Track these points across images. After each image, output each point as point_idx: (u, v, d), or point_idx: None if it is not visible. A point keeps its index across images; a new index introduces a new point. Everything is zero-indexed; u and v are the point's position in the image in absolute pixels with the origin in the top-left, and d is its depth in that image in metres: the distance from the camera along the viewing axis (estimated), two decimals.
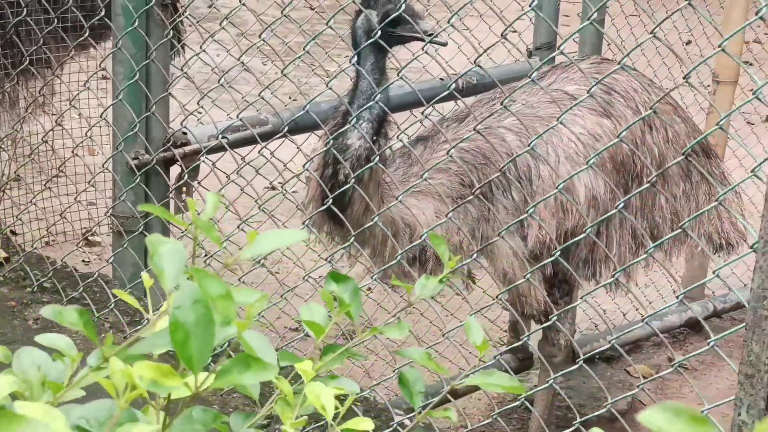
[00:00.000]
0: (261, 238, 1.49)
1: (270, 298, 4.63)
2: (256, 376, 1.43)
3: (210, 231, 1.47)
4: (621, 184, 4.31)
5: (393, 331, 2.03)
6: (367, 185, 4.09)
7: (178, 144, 4.57)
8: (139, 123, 4.53)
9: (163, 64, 4.53)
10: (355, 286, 2.05)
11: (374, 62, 4.11)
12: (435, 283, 2.12)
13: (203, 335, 1.39)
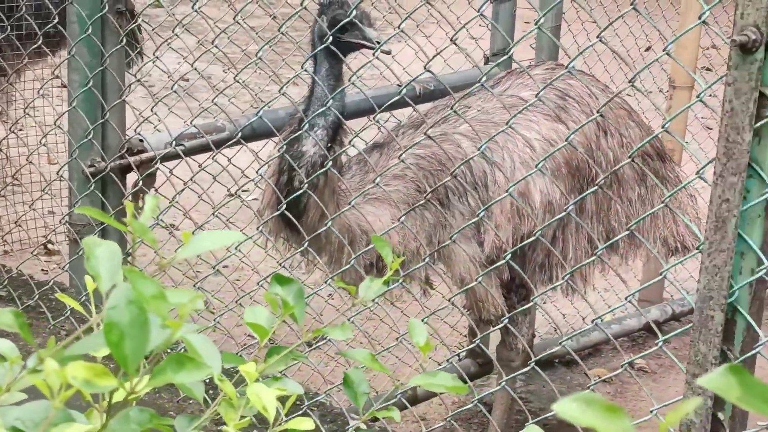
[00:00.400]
0: (196, 239, 1.51)
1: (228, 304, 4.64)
2: (189, 376, 1.45)
3: (145, 233, 1.49)
4: (576, 189, 4.35)
5: (336, 332, 2.06)
6: (323, 192, 4.11)
7: (135, 151, 4.58)
8: (93, 130, 4.53)
9: (118, 72, 4.53)
10: (300, 289, 2.07)
11: (329, 69, 4.13)
12: (379, 285, 2.15)
13: (138, 335, 1.41)
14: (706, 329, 2.87)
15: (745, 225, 2.81)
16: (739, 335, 2.88)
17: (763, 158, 2.76)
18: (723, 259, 2.82)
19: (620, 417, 1.04)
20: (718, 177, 2.78)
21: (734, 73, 2.71)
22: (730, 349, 2.89)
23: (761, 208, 2.79)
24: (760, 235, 2.82)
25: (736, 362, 2.87)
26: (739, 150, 2.74)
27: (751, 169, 2.76)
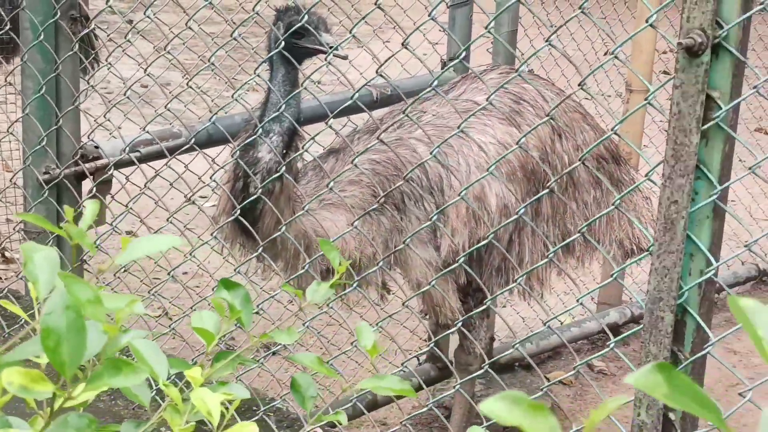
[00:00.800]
0: (134, 244, 1.51)
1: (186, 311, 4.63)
2: (126, 380, 1.45)
3: (82, 238, 1.49)
4: (532, 193, 4.36)
5: (283, 336, 2.06)
6: (278, 198, 4.11)
7: (90, 158, 4.56)
8: (47, 137, 4.51)
9: (72, 78, 4.52)
10: (246, 293, 2.08)
11: (285, 74, 4.13)
12: (326, 289, 2.16)
13: (75, 341, 1.41)
14: (657, 330, 2.90)
15: (693, 226, 2.83)
16: (689, 336, 2.91)
17: (710, 160, 2.79)
18: (672, 261, 2.84)
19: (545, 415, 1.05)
20: (666, 179, 2.81)
21: (681, 76, 2.74)
22: (680, 350, 2.92)
23: (709, 210, 2.82)
24: (709, 236, 2.85)
25: (687, 363, 2.90)
26: (687, 152, 2.77)
27: (699, 170, 2.79)
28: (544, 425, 1.05)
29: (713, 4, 2.67)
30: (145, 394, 1.90)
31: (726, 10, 2.69)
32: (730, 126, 2.78)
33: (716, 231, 2.86)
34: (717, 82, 2.74)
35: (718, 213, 2.84)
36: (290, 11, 4.10)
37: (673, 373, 1.18)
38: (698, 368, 2.96)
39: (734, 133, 2.78)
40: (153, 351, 1.88)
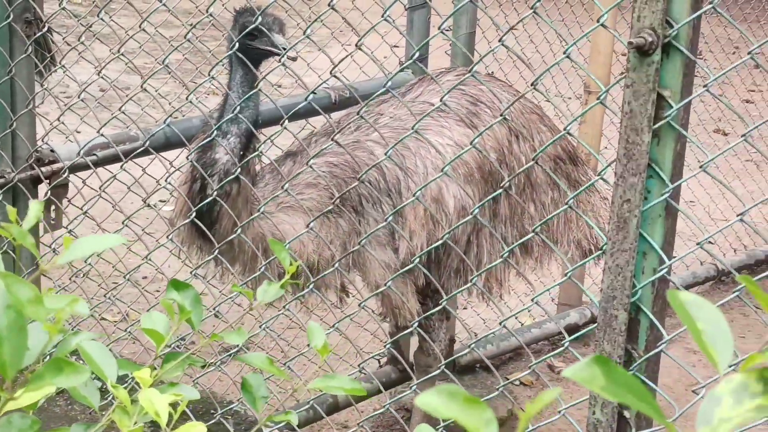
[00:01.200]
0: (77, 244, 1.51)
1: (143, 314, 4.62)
2: (68, 380, 1.44)
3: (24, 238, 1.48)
4: (490, 194, 4.36)
5: (233, 336, 2.06)
6: (236, 200, 4.10)
7: (46, 162, 4.54)
8: (1, 141, 4.48)
9: (27, 81, 4.48)
10: (196, 294, 2.07)
11: (242, 76, 4.12)
12: (276, 289, 2.16)
13: (16, 340, 1.40)
14: (611, 329, 2.91)
15: (646, 225, 2.85)
16: (643, 334, 2.92)
17: (662, 158, 2.81)
18: (625, 259, 2.86)
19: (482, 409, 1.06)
20: (618, 178, 2.83)
21: (632, 75, 2.76)
22: (634, 348, 2.93)
23: (661, 208, 2.83)
24: (661, 234, 2.86)
25: (641, 360, 2.92)
26: (639, 151, 2.78)
27: (651, 169, 2.81)
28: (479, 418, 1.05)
29: (663, 4, 2.69)
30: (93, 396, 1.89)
31: (676, 9, 2.71)
32: (682, 125, 2.80)
33: (669, 229, 2.88)
34: (668, 81, 2.75)
35: (670, 211, 2.85)
36: (246, 13, 4.09)
37: (611, 366, 1.19)
38: (652, 366, 2.98)
39: (685, 132, 2.80)
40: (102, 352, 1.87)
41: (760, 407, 1.20)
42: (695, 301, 1.32)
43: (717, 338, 1.28)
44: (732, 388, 1.22)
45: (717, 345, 1.27)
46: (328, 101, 5.05)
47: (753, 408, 1.20)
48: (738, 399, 1.20)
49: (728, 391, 1.21)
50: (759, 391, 1.21)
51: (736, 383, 1.22)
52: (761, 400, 1.20)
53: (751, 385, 1.21)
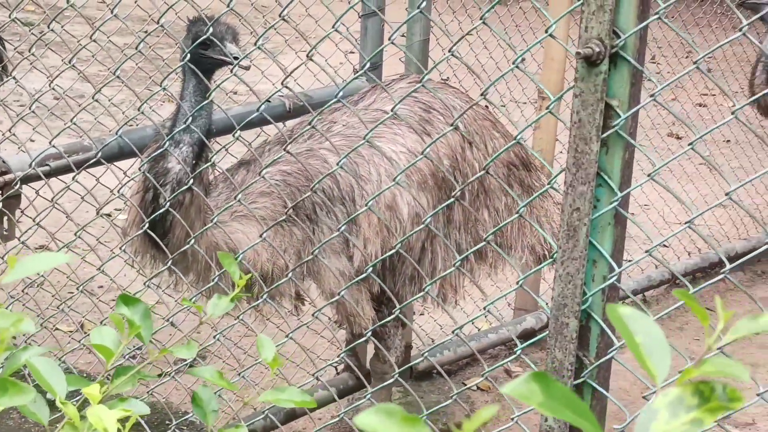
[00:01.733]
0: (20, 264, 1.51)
1: None
2: (12, 400, 1.44)
3: None
4: (444, 201, 4.38)
5: (182, 350, 2.06)
6: (188, 210, 4.09)
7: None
8: None
9: None
10: (146, 308, 2.08)
11: (195, 85, 4.11)
12: (226, 302, 2.16)
13: None
14: (562, 336, 2.93)
15: (596, 233, 2.87)
16: (594, 341, 2.94)
17: (611, 167, 2.83)
18: (575, 267, 2.88)
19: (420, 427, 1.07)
20: (568, 186, 2.85)
21: (581, 85, 2.78)
22: (585, 355, 2.95)
23: (611, 216, 2.86)
24: (611, 242, 2.89)
25: (592, 367, 2.94)
26: (588, 160, 2.81)
27: (600, 178, 2.83)
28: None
29: (610, 15, 2.71)
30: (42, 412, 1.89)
31: (623, 20, 2.73)
32: (630, 133, 2.83)
33: (618, 237, 2.90)
34: (615, 90, 2.78)
35: (619, 219, 2.88)
36: (199, 22, 4.08)
37: (549, 382, 1.20)
38: (603, 372, 3.00)
39: (633, 141, 2.83)
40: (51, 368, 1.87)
41: (695, 420, 1.22)
42: (633, 314, 1.34)
43: (654, 351, 1.30)
44: (668, 402, 1.24)
45: (654, 358, 1.30)
46: (283, 109, 5.06)
47: (688, 421, 1.22)
48: (674, 412, 1.23)
49: (665, 405, 1.23)
50: (694, 405, 1.23)
51: (673, 397, 1.24)
52: (696, 414, 1.23)
53: (687, 398, 1.23)
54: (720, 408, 1.22)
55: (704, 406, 1.23)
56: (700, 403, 1.23)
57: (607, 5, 2.71)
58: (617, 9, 2.72)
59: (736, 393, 1.23)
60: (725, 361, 1.26)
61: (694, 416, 1.22)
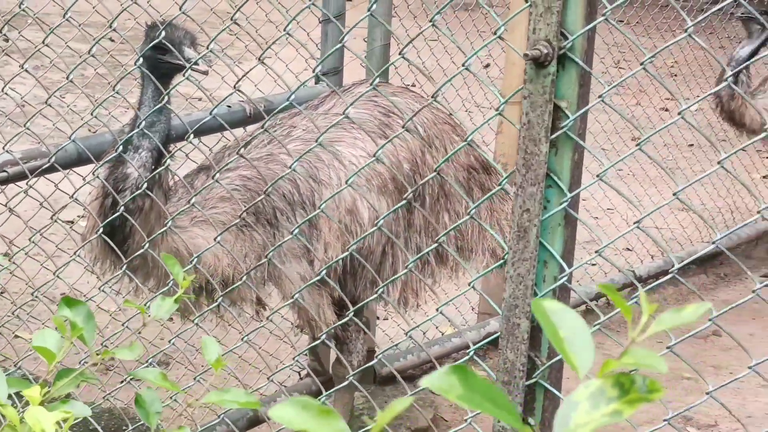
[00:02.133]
0: None
1: None
2: None
3: None
4: (404, 205, 4.38)
5: (125, 352, 2.06)
6: (148, 216, 4.08)
7: None
8: None
9: None
10: (89, 311, 2.07)
11: (154, 90, 4.10)
12: (170, 304, 2.16)
13: None
14: (513, 337, 2.94)
15: (546, 234, 2.88)
16: (545, 341, 2.95)
17: (560, 168, 2.84)
18: (526, 268, 2.89)
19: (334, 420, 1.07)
20: (518, 188, 2.86)
21: (529, 87, 2.79)
22: (537, 356, 2.96)
23: (561, 217, 2.87)
24: (561, 243, 2.90)
25: (544, 368, 2.95)
26: (537, 161, 2.82)
27: (550, 179, 2.84)
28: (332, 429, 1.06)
29: (558, 16, 2.72)
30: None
31: (570, 21, 2.74)
32: (579, 134, 2.84)
33: (568, 238, 2.91)
34: (564, 92, 2.79)
35: (569, 220, 2.89)
36: (157, 27, 4.07)
37: (468, 374, 1.21)
38: (555, 373, 3.00)
39: (582, 142, 2.84)
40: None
41: (616, 412, 1.23)
42: (558, 309, 1.34)
43: (578, 345, 1.30)
44: (589, 393, 1.24)
45: (577, 352, 1.30)
46: (243, 115, 5.05)
47: (608, 413, 1.23)
48: (594, 404, 1.23)
49: (585, 396, 1.24)
50: (615, 396, 1.24)
51: (594, 388, 1.24)
52: (617, 405, 1.23)
53: (608, 390, 1.24)
54: (639, 399, 1.22)
55: (624, 398, 1.23)
56: (621, 395, 1.23)
57: (555, 7, 2.72)
58: (565, 11, 2.74)
59: (656, 385, 1.23)
60: (645, 353, 1.26)
61: (614, 408, 1.23)
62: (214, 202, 4.26)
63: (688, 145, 8.50)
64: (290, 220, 4.30)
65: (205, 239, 4.19)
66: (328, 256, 4.29)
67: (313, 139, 4.36)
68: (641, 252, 7.35)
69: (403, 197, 4.39)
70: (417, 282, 4.58)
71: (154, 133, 4.06)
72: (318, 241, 4.29)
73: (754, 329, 6.72)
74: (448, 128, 4.69)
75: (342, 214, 4.30)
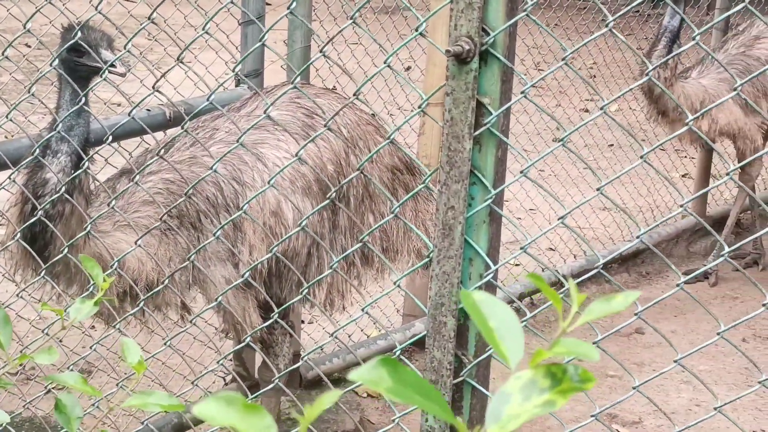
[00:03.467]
0: None
1: None
2: None
3: None
4: (329, 206, 4.35)
5: (43, 356, 2.00)
6: (69, 221, 3.99)
7: None
8: None
9: None
10: (5, 315, 2.01)
11: (71, 93, 4.02)
12: (90, 307, 2.10)
13: None
14: (440, 335, 2.92)
15: (471, 231, 2.86)
16: (472, 339, 2.93)
17: (484, 165, 2.82)
18: (452, 266, 2.87)
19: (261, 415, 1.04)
20: (442, 185, 2.84)
21: (452, 83, 2.77)
22: (464, 354, 2.94)
23: (485, 214, 2.85)
24: (487, 240, 2.88)
25: (470, 366, 2.93)
26: (461, 158, 2.80)
27: (474, 176, 2.82)
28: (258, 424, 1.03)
29: (479, 12, 2.71)
30: None
31: (491, 17, 2.73)
32: (502, 131, 2.82)
33: (494, 234, 2.90)
34: (487, 88, 2.78)
35: (494, 217, 2.87)
36: (73, 29, 4.00)
37: (397, 367, 1.18)
38: (483, 371, 2.99)
39: (506, 138, 2.82)
40: None
41: (548, 402, 1.20)
42: (487, 300, 1.32)
43: (507, 336, 1.28)
44: (521, 385, 1.22)
45: (508, 342, 1.28)
46: (163, 118, 4.97)
47: (541, 404, 1.20)
48: (526, 395, 1.21)
49: (517, 388, 1.21)
50: (547, 386, 1.21)
51: (525, 379, 1.22)
52: (549, 395, 1.21)
53: (540, 380, 1.22)
54: (572, 389, 1.20)
55: (556, 388, 1.21)
56: (552, 385, 1.21)
57: (476, 3, 2.70)
58: (486, 6, 2.72)
59: (588, 374, 1.21)
60: (576, 342, 1.24)
61: (547, 398, 1.20)
62: (137, 206, 4.19)
63: (608, 146, 8.58)
64: (214, 222, 4.25)
65: (128, 243, 4.12)
66: (252, 258, 4.24)
67: (235, 141, 4.32)
68: (564, 251, 7.39)
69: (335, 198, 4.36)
70: (343, 283, 4.55)
71: (72, 137, 3.97)
72: (243, 243, 4.24)
73: (676, 326, 6.79)
74: (372, 129, 4.67)
75: (266, 216, 4.25)
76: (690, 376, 4.17)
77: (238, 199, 4.27)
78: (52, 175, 3.96)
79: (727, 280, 7.41)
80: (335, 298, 4.58)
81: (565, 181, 7.84)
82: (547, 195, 7.02)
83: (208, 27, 3.09)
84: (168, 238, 4.20)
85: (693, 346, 4.50)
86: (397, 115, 7.32)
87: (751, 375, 6.17)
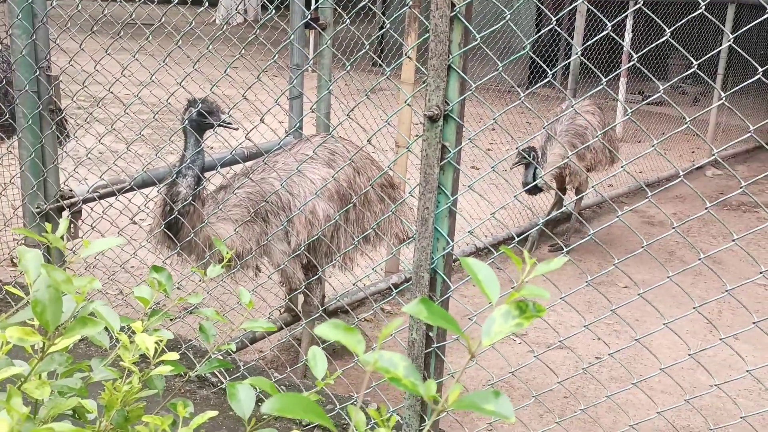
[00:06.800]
0: (92, 244, 1.41)
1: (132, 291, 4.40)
2: (90, 330, 1.35)
3: (57, 243, 1.38)
4: (344, 208, 4.35)
5: (192, 298, 1.97)
6: (192, 216, 3.97)
7: (67, 197, 4.31)
8: (37, 185, 4.23)
9: (52, 147, 4.25)
10: (168, 274, 1.98)
11: (195, 139, 3.99)
12: (219, 269, 2.08)
13: (55, 307, 1.31)
14: (420, 284, 2.91)
15: (438, 222, 2.86)
16: (438, 287, 2.93)
17: (446, 182, 2.82)
18: (427, 242, 2.86)
19: (355, 334, 1.03)
20: (421, 194, 2.83)
21: (426, 134, 2.76)
22: (433, 296, 2.93)
23: (447, 212, 2.85)
24: (447, 227, 2.87)
25: (437, 303, 2.92)
26: (432, 178, 2.79)
27: (440, 189, 2.82)
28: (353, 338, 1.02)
29: (443, 91, 2.70)
30: (105, 340, 1.78)
31: (451, 95, 2.72)
32: (456, 162, 2.82)
33: (451, 225, 2.89)
34: (448, 136, 2.77)
35: (452, 213, 2.87)
36: (196, 102, 3.98)
37: (430, 304, 1.17)
38: (444, 305, 2.98)
39: (459, 167, 2.81)
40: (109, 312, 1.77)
41: (518, 324, 1.20)
42: (477, 263, 1.31)
43: (490, 285, 1.27)
44: (501, 313, 1.21)
45: (490, 288, 1.27)
46: (244, 155, 4.94)
47: (513, 325, 1.20)
48: (505, 320, 1.20)
49: (499, 315, 1.21)
50: (516, 315, 1.21)
51: (503, 310, 1.21)
52: (518, 320, 1.20)
53: (512, 311, 1.21)
54: (532, 316, 1.20)
55: (522, 315, 1.20)
56: (520, 314, 1.21)
57: (441, 86, 2.70)
58: (447, 87, 2.71)
59: (541, 307, 1.21)
60: (534, 287, 1.24)
61: (517, 321, 1.20)
62: (230, 207, 4.16)
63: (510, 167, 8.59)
64: (276, 217, 4.23)
65: (225, 230, 4.10)
66: (299, 239, 4.22)
67: (289, 169, 4.30)
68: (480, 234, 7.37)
69: (343, 203, 4.35)
70: (352, 253, 4.53)
71: (195, 166, 3.95)
72: (293, 230, 4.22)
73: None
74: (368, 161, 4.65)
75: (307, 213, 4.23)
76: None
77: (290, 203, 4.25)
78: (182, 188, 3.93)
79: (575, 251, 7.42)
80: (347, 262, 4.56)
81: (495, 191, 7.81)
82: (470, 200, 7.00)
83: (275, 101, 3.06)
84: (248, 226, 4.18)
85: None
86: (386, 151, 7.28)
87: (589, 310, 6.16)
